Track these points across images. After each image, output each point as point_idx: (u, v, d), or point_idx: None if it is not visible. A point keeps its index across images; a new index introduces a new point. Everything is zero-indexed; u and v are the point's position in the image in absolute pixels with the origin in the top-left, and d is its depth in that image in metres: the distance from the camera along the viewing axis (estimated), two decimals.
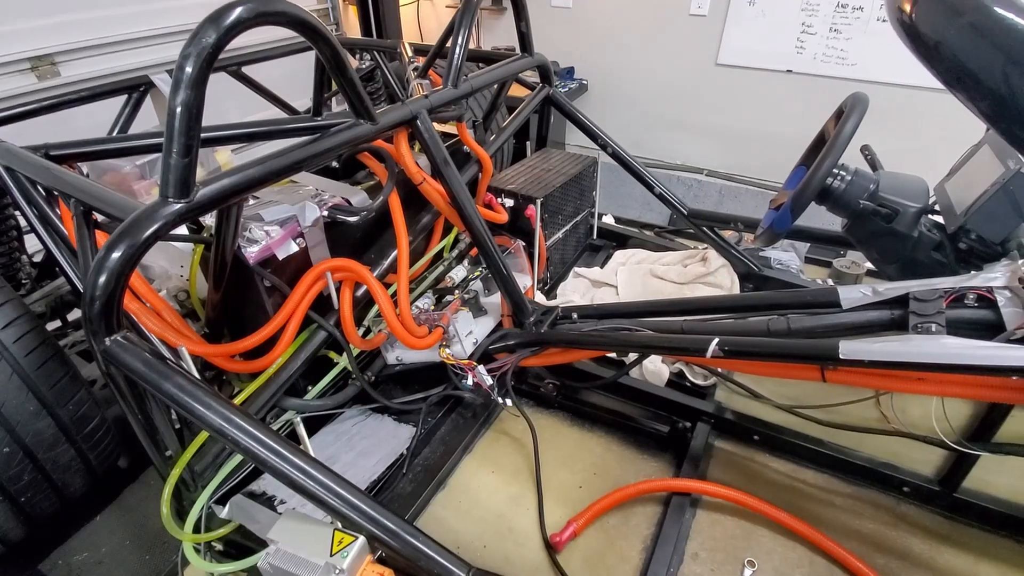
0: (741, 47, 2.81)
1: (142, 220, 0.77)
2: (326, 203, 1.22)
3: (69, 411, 1.09)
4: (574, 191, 1.83)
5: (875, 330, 0.98)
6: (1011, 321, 0.86)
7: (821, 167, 1.08)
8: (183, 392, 0.78)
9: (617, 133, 1.86)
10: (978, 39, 0.26)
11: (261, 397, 1.14)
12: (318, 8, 3.08)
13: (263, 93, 1.86)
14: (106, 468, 1.23)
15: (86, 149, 1.08)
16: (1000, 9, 0.26)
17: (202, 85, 0.76)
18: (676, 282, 1.78)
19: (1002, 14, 0.26)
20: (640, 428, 1.33)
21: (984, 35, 0.26)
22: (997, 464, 1.07)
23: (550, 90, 1.78)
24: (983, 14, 0.26)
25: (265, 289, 1.14)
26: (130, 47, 2.12)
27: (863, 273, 1.80)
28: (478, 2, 1.32)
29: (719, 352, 1.02)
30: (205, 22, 0.76)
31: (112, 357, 0.78)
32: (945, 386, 0.87)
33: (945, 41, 0.28)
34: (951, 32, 0.27)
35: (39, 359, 1.04)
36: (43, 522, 1.14)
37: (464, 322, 1.40)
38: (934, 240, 1.12)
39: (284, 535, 0.77)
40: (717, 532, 1.10)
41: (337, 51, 0.94)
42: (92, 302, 0.76)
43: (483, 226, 1.29)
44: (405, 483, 1.22)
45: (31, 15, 1.82)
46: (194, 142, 0.77)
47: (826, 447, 1.21)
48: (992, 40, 0.25)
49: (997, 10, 0.26)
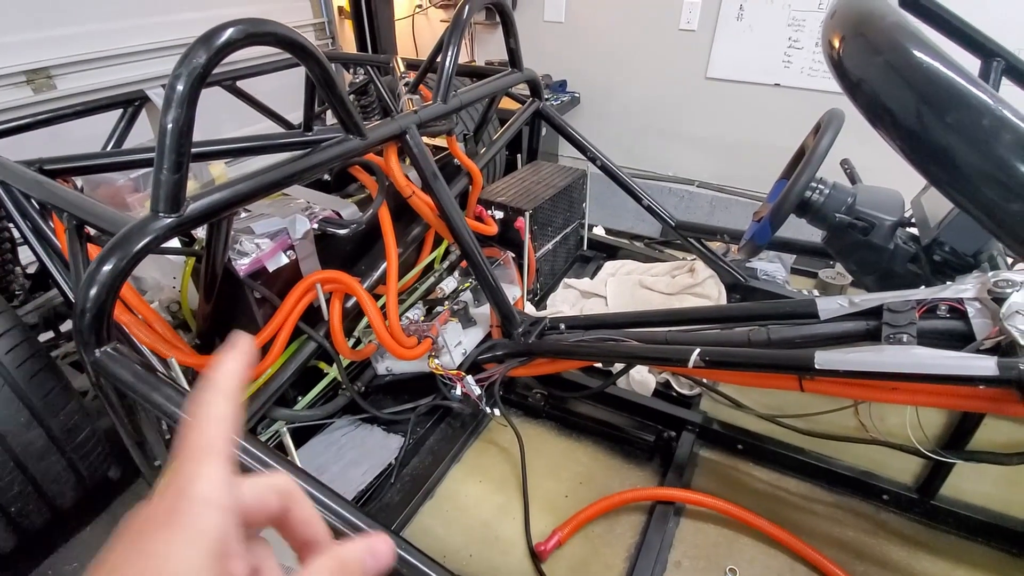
0: (730, 61, 2.86)
1: (132, 234, 0.79)
2: (316, 216, 1.25)
3: (60, 422, 1.10)
4: (564, 203, 1.86)
5: (851, 340, 1.00)
6: (980, 331, 0.88)
7: (798, 182, 1.11)
8: (171, 403, 0.79)
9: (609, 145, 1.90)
10: (894, 78, 0.28)
11: (250, 407, 1.16)
12: (315, 22, 3.12)
13: (257, 107, 1.89)
14: (97, 479, 1.24)
15: (80, 164, 1.10)
16: (915, 50, 0.28)
17: (192, 104, 0.78)
18: (664, 293, 1.80)
19: (916, 55, 0.28)
20: (626, 438, 1.35)
21: (899, 74, 0.28)
22: (973, 472, 1.09)
23: (540, 104, 1.82)
24: (899, 54, 0.29)
25: (255, 301, 1.16)
26: (126, 61, 2.14)
27: (848, 284, 1.83)
28: (467, 19, 1.35)
29: (700, 362, 1.04)
30: (196, 43, 0.78)
31: (102, 368, 0.80)
32: (917, 395, 0.89)
33: (866, 78, 0.30)
34: (870, 70, 0.30)
35: (31, 370, 1.05)
36: (33, 533, 1.15)
37: (453, 333, 1.42)
38: (910, 252, 1.15)
39: None
40: (700, 540, 1.12)
41: (326, 69, 0.97)
42: (83, 314, 0.78)
43: (471, 238, 1.31)
44: (393, 493, 1.23)
45: (27, 28, 1.84)
46: (184, 158, 0.80)
47: (808, 456, 1.23)
48: (906, 79, 0.28)
49: (912, 51, 0.28)
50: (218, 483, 0.24)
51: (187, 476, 0.24)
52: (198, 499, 0.23)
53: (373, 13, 2.86)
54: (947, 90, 0.26)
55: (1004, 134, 0.24)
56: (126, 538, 0.23)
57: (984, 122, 0.25)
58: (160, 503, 0.23)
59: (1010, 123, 0.24)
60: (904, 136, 0.29)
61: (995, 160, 0.24)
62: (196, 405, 0.26)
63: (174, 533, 0.22)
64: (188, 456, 0.25)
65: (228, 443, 0.26)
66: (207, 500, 0.23)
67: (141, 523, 0.23)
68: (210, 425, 0.26)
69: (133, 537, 0.23)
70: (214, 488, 0.24)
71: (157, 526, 0.23)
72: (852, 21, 0.33)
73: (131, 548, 0.22)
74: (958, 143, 0.26)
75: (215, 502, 0.24)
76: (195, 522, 0.23)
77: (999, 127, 0.24)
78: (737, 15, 2.74)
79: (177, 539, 0.22)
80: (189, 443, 0.25)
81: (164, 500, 0.23)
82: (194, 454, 0.25)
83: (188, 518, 0.23)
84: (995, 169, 0.25)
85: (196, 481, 0.24)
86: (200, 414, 0.26)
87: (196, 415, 0.26)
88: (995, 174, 0.25)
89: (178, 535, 0.22)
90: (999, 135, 0.24)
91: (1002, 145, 0.24)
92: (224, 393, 0.27)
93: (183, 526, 0.22)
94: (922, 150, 0.28)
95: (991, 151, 0.24)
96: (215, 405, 0.26)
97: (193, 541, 0.22)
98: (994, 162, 0.24)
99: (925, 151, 0.28)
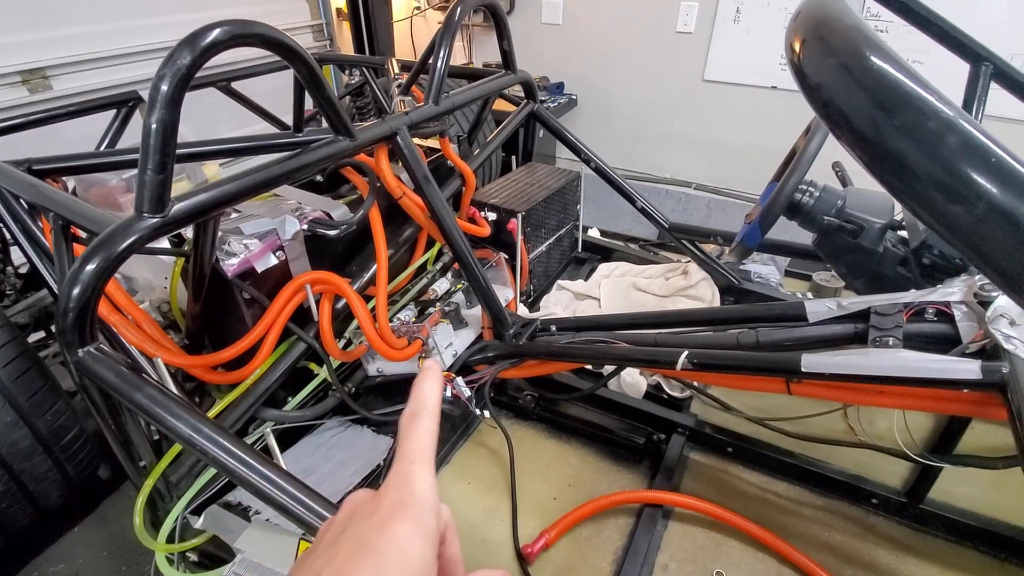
0: (727, 64, 2.87)
1: (116, 234, 0.79)
2: (307, 216, 1.25)
3: (47, 422, 1.10)
4: (557, 205, 1.86)
5: (839, 343, 1.00)
6: (966, 335, 0.88)
7: (787, 184, 1.11)
8: (154, 403, 0.79)
9: (606, 147, 1.90)
10: (849, 82, 0.28)
11: (239, 408, 1.16)
12: (313, 24, 3.13)
13: (251, 107, 1.89)
14: (84, 479, 1.24)
15: (69, 164, 1.10)
16: (871, 55, 0.28)
17: (176, 105, 0.78)
18: (658, 295, 1.80)
19: (872, 59, 0.28)
20: (616, 440, 1.34)
21: (854, 78, 0.28)
22: (961, 475, 1.08)
23: (534, 106, 1.82)
24: (855, 58, 0.28)
25: (244, 301, 1.16)
26: (123, 62, 2.15)
27: (842, 287, 1.82)
28: (458, 21, 1.35)
29: (688, 364, 1.04)
30: (181, 44, 0.78)
31: (85, 368, 0.80)
32: (903, 399, 0.89)
33: (824, 83, 0.30)
34: (827, 74, 0.30)
35: (17, 370, 1.05)
36: (19, 533, 1.15)
37: (444, 334, 1.42)
38: (899, 255, 1.15)
39: (250, 545, 0.78)
40: (687, 543, 1.11)
41: (313, 70, 0.97)
42: (66, 313, 0.77)
43: (463, 239, 1.31)
44: None
45: (23, 29, 1.85)
46: (169, 159, 0.80)
47: (797, 459, 1.23)
48: (861, 84, 0.28)
49: (868, 55, 0.28)
50: (432, 488, 0.29)
51: (410, 478, 0.29)
52: (419, 499, 0.28)
53: (371, 15, 2.87)
54: (896, 92, 0.26)
55: (949, 136, 0.24)
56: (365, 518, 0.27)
57: (930, 124, 0.25)
58: (387, 495, 0.28)
59: (955, 124, 0.24)
60: (862, 144, 0.29)
61: (941, 162, 0.24)
62: (410, 419, 0.32)
63: (408, 524, 0.26)
64: (409, 460, 0.29)
65: (434, 454, 0.31)
66: (425, 502, 0.28)
67: (377, 509, 0.27)
68: (423, 438, 0.31)
69: (374, 522, 0.27)
70: (430, 492, 0.29)
71: (392, 515, 0.27)
72: (812, 24, 0.33)
73: (373, 527, 0.26)
74: (908, 146, 0.26)
75: (431, 505, 0.28)
76: (420, 518, 0.27)
77: (944, 129, 0.24)
78: (734, 17, 2.75)
79: (411, 529, 0.26)
80: (409, 450, 0.30)
81: (390, 494, 0.28)
82: (415, 459, 0.30)
83: (415, 513, 0.27)
84: (941, 172, 0.24)
85: (416, 484, 0.28)
86: (415, 427, 0.31)
87: (412, 428, 0.31)
88: (942, 177, 0.25)
89: (411, 526, 0.26)
90: (944, 137, 0.24)
91: (947, 147, 0.24)
92: (431, 413, 0.32)
93: (412, 520, 0.27)
94: (879, 159, 0.28)
95: (937, 153, 0.24)
96: (425, 421, 0.32)
97: (421, 534, 0.26)
98: (941, 164, 0.24)
99: (881, 160, 0.28)
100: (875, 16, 2.44)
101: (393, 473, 0.29)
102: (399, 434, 0.31)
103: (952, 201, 0.24)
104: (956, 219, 0.25)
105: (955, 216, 0.25)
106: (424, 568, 0.26)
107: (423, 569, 0.26)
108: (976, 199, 0.24)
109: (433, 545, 0.27)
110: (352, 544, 0.26)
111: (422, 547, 0.26)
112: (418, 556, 0.26)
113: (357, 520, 0.27)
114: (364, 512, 0.28)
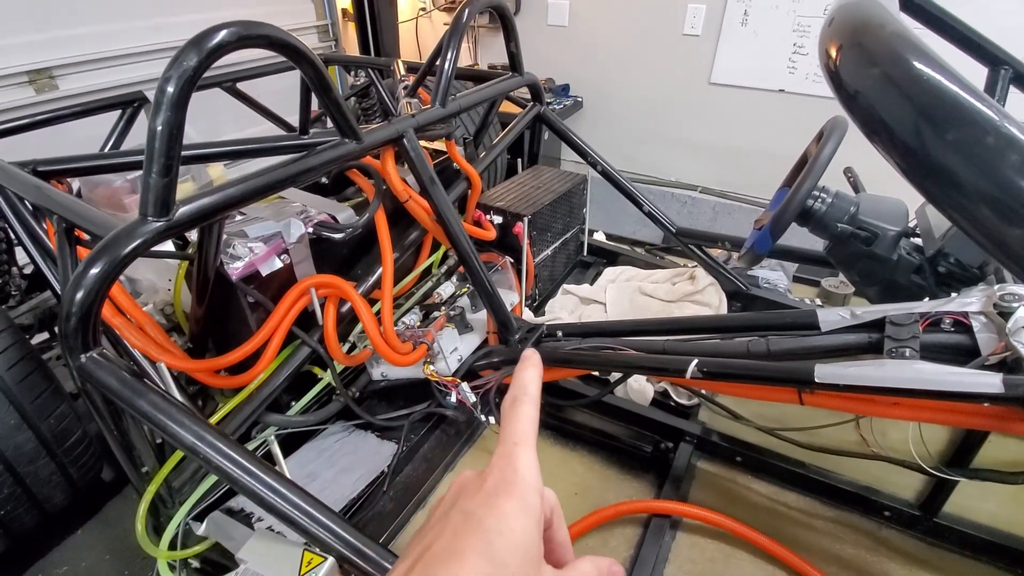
0: (734, 67, 2.85)
1: (120, 238, 0.78)
2: (312, 219, 1.24)
3: (50, 424, 1.09)
4: (563, 208, 1.84)
5: (852, 353, 0.98)
6: (985, 347, 0.86)
7: (800, 190, 1.10)
8: (156, 410, 0.78)
9: (611, 149, 1.88)
10: (891, 90, 0.27)
11: (242, 412, 1.14)
12: (318, 25, 3.13)
13: (257, 108, 1.89)
14: (88, 482, 1.23)
15: (73, 165, 1.10)
16: (915, 62, 0.26)
17: (182, 107, 0.77)
18: (664, 300, 1.78)
19: (916, 67, 0.26)
20: (622, 447, 1.33)
21: (898, 87, 0.27)
22: (978, 490, 1.06)
23: (541, 108, 1.80)
24: (898, 66, 0.27)
25: (248, 305, 1.15)
26: (129, 62, 2.15)
27: (851, 293, 1.80)
28: (466, 23, 1.34)
29: (698, 373, 1.02)
30: (187, 45, 0.77)
31: (87, 374, 0.79)
32: (919, 411, 0.87)
33: (863, 91, 0.28)
34: (868, 82, 0.28)
35: (21, 373, 1.04)
36: (23, 535, 1.14)
37: (449, 339, 1.41)
38: (914, 263, 1.13)
39: (253, 555, 0.77)
40: (696, 555, 1.10)
41: (320, 71, 0.95)
42: (68, 318, 0.76)
43: (468, 243, 1.30)
44: (386, 501, 1.22)
45: (30, 29, 1.85)
46: (174, 162, 0.78)
47: (808, 470, 1.21)
48: (904, 92, 0.26)
49: (912, 62, 0.27)
50: (534, 469, 0.29)
51: (514, 458, 0.29)
52: (523, 479, 0.28)
53: (376, 16, 2.86)
54: (949, 105, 0.25)
55: (1010, 154, 0.23)
56: (472, 494, 0.28)
57: (989, 140, 0.23)
58: (492, 474, 0.29)
59: (1018, 141, 0.23)
60: (902, 153, 0.27)
61: (999, 181, 0.23)
62: (512, 404, 0.33)
63: (513, 502, 0.27)
64: (512, 442, 0.30)
65: (535, 437, 0.32)
66: (529, 482, 0.28)
67: (483, 486, 0.28)
68: (524, 421, 0.32)
69: (481, 497, 0.28)
70: (534, 473, 0.29)
71: (497, 492, 0.28)
72: (850, 30, 0.31)
73: (480, 503, 0.27)
74: (960, 162, 0.24)
75: (534, 485, 0.29)
76: (524, 497, 0.28)
77: (1005, 146, 0.23)
78: (742, 20, 2.73)
79: (518, 508, 0.27)
80: (512, 432, 0.31)
81: (495, 473, 0.29)
82: (518, 441, 0.30)
83: (521, 492, 0.28)
84: (998, 191, 0.23)
85: (520, 464, 0.29)
86: (517, 412, 0.32)
87: (514, 412, 0.32)
88: (998, 195, 0.23)
89: (518, 505, 0.27)
90: (1005, 155, 0.23)
91: (1007, 165, 0.22)
92: (532, 399, 0.33)
93: (517, 498, 0.27)
94: (921, 168, 0.27)
95: (995, 171, 0.23)
96: (527, 405, 0.32)
97: (525, 511, 0.27)
98: (998, 183, 0.23)
99: (924, 169, 0.26)
100: None
101: (497, 454, 0.30)
102: (502, 418, 0.32)
103: (1010, 220, 0.23)
104: (1013, 238, 0.23)
105: (1012, 235, 0.23)
106: (528, 546, 0.26)
107: (527, 546, 0.26)
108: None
109: (537, 524, 0.28)
110: (460, 518, 0.27)
111: (526, 525, 0.27)
112: (523, 533, 0.26)
113: (464, 496, 0.28)
114: (471, 489, 0.29)
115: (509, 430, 0.31)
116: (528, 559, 0.26)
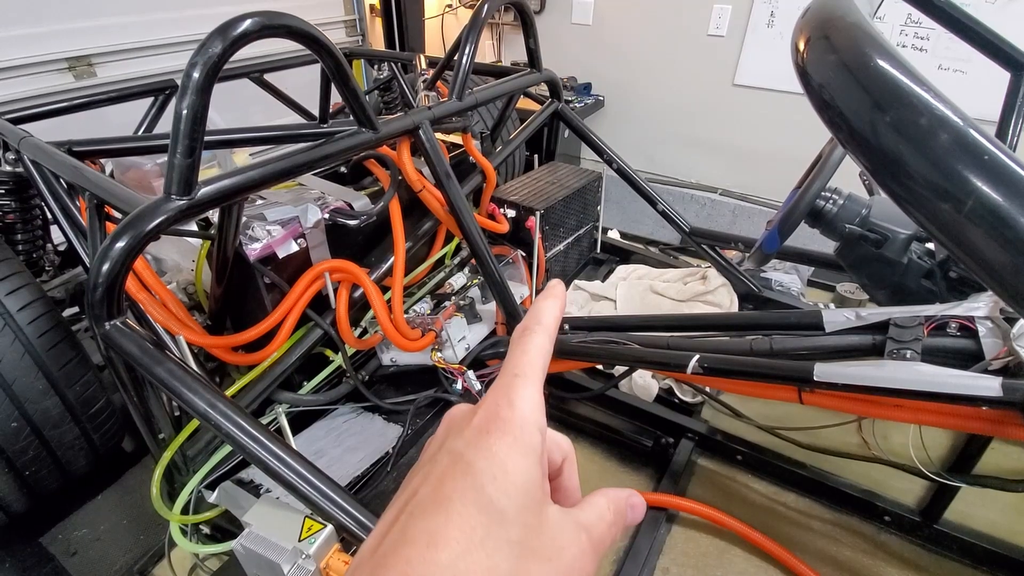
0: (759, 68, 2.82)
1: (145, 214, 0.82)
2: (328, 206, 1.28)
3: (76, 392, 1.15)
4: (577, 205, 1.85)
5: (855, 354, 0.98)
6: (989, 351, 0.85)
7: (809, 190, 1.09)
8: (173, 377, 0.82)
9: (632, 149, 1.88)
10: (848, 80, 0.28)
11: (255, 389, 1.19)
12: (346, 19, 3.19)
13: (282, 99, 1.94)
14: (109, 448, 1.29)
15: (106, 147, 1.15)
16: (871, 52, 0.28)
17: (207, 92, 0.81)
18: (675, 299, 1.78)
19: (872, 57, 0.28)
20: (624, 441, 1.34)
21: (853, 76, 0.28)
22: (979, 497, 1.05)
23: (559, 105, 1.82)
24: (853, 54, 0.28)
25: (265, 286, 1.19)
26: (164, 51, 2.22)
27: (867, 299, 1.78)
28: (484, 18, 1.36)
29: (699, 369, 1.03)
30: (213, 33, 0.81)
31: (111, 340, 0.84)
32: (919, 414, 0.87)
33: (825, 83, 0.30)
34: (828, 73, 0.30)
35: (51, 341, 1.10)
36: (46, 496, 1.20)
37: (458, 328, 1.44)
38: (924, 267, 1.11)
39: (258, 519, 0.81)
40: (690, 549, 1.10)
41: (340, 62, 0.99)
42: (95, 288, 0.81)
43: (480, 235, 1.32)
44: (388, 481, 1.25)
45: (72, 17, 1.93)
46: (197, 144, 0.83)
47: (808, 471, 1.20)
48: (860, 82, 0.28)
49: (867, 52, 0.28)
50: (536, 406, 0.25)
51: (511, 391, 0.25)
52: (519, 414, 0.25)
53: (403, 11, 2.91)
54: (890, 87, 0.26)
55: (941, 133, 0.24)
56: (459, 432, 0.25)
57: (922, 121, 0.24)
58: (483, 408, 0.25)
59: (949, 121, 0.24)
60: (862, 148, 0.28)
61: (932, 161, 0.24)
62: (522, 333, 0.28)
63: (507, 439, 0.24)
64: (513, 373, 0.26)
65: (543, 372, 0.27)
66: (526, 416, 0.25)
67: (476, 423, 0.24)
68: (532, 352, 0.27)
69: (469, 435, 0.24)
70: (534, 409, 0.25)
71: (487, 429, 0.24)
72: (818, 22, 0.33)
73: (468, 442, 0.24)
74: (902, 145, 0.26)
75: (533, 421, 0.25)
76: (520, 434, 0.24)
77: (936, 125, 0.24)
78: (768, 22, 2.70)
79: (516, 447, 0.24)
80: (515, 363, 0.27)
81: (487, 407, 0.25)
82: (519, 373, 0.26)
83: (514, 428, 0.24)
84: (931, 171, 0.24)
85: (518, 397, 0.25)
86: (525, 341, 0.28)
87: (522, 341, 0.28)
88: (932, 176, 0.24)
89: (515, 443, 0.24)
90: (936, 134, 0.24)
91: (938, 144, 0.24)
92: (546, 329, 0.28)
93: (511, 435, 0.24)
94: (878, 165, 0.28)
95: (929, 151, 0.24)
96: (539, 335, 0.28)
97: (521, 450, 0.24)
98: (931, 163, 0.24)
99: (880, 166, 0.28)
100: (916, 23, 2.37)
101: (494, 386, 0.26)
102: (509, 348, 0.28)
103: (942, 199, 0.24)
104: (943, 216, 0.24)
105: (943, 214, 0.24)
106: (527, 488, 0.23)
107: (526, 488, 0.23)
108: (966, 198, 0.24)
109: (538, 464, 0.24)
110: (448, 460, 0.24)
111: (523, 465, 0.23)
112: (519, 474, 0.23)
113: (453, 434, 0.25)
114: (459, 426, 0.25)
115: (512, 361, 0.27)
116: (528, 504, 0.23)
